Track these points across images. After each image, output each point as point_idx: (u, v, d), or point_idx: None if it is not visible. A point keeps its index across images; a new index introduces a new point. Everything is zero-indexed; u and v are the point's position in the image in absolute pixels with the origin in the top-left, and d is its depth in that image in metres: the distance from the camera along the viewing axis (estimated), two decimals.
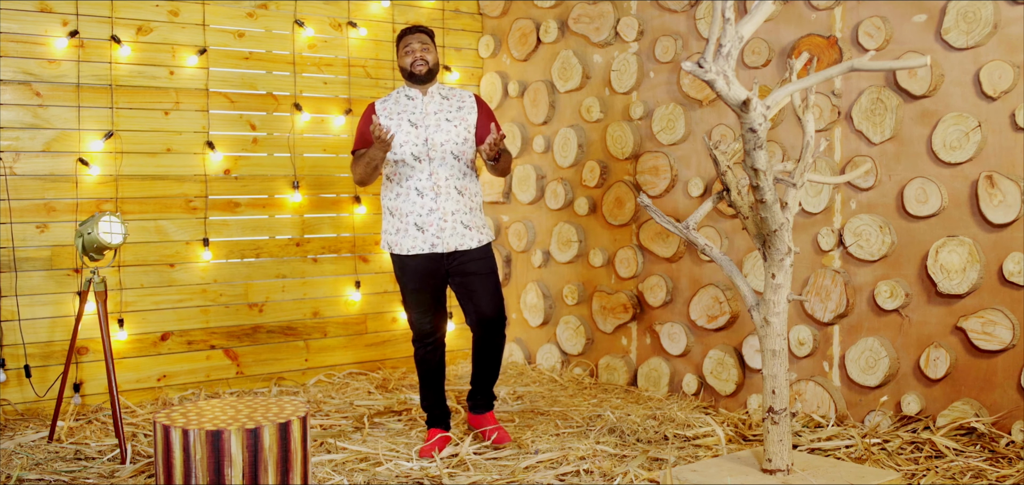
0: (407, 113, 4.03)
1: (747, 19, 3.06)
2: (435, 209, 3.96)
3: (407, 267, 4.02)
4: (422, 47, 4.03)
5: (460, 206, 4.00)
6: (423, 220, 3.97)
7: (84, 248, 4.09)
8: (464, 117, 4.07)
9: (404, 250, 4.00)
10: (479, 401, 4.21)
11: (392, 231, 4.04)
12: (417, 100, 4.06)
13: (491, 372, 4.16)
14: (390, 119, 4.03)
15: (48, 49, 4.79)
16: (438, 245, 3.96)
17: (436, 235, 3.96)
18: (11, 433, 4.36)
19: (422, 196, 3.97)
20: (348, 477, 3.73)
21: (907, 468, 3.67)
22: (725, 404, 4.81)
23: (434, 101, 4.06)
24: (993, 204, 3.89)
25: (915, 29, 4.12)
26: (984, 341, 3.92)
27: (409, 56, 4.04)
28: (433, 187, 3.96)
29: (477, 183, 4.13)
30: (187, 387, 5.16)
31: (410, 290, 4.05)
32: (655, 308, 5.17)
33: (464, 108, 4.09)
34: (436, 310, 4.09)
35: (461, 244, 3.99)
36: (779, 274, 3.41)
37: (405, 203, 3.99)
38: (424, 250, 3.97)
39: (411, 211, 3.98)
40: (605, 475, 3.72)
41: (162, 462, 3.00)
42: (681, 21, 5.02)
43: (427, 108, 4.03)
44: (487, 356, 4.12)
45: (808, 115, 3.50)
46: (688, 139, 5.01)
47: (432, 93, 4.07)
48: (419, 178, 3.97)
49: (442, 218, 3.96)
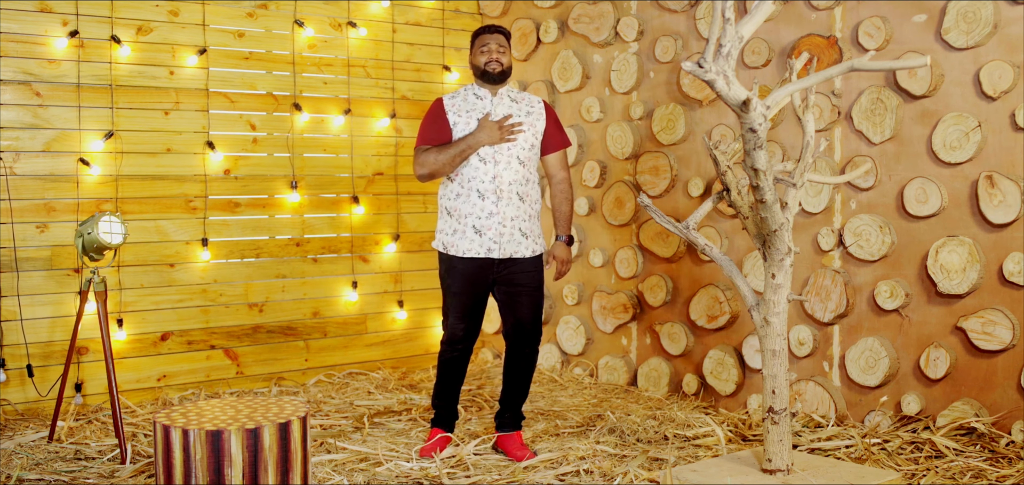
0: (476, 112, 3.98)
1: (747, 19, 3.06)
2: (495, 213, 3.90)
3: (456, 269, 3.96)
4: (499, 48, 3.98)
5: (520, 213, 3.94)
6: (482, 223, 3.91)
7: (84, 248, 4.09)
8: (532, 123, 4.01)
9: (459, 252, 3.94)
10: (507, 419, 4.09)
11: (449, 232, 3.98)
12: (486, 100, 4.01)
13: (522, 389, 4.08)
14: (458, 116, 3.98)
15: (48, 49, 4.79)
16: (495, 250, 3.90)
17: (494, 240, 3.90)
18: (11, 433, 4.36)
19: (483, 199, 3.91)
20: (348, 477, 3.73)
21: (907, 468, 3.67)
22: (725, 404, 4.81)
23: (503, 103, 4.01)
24: (993, 204, 3.89)
25: (915, 29, 4.12)
26: (984, 341, 3.92)
27: (484, 55, 3.97)
28: (495, 191, 3.90)
29: (537, 190, 4.06)
30: (187, 387, 5.16)
31: (454, 293, 3.99)
32: (655, 308, 5.17)
33: (533, 113, 4.03)
34: (473, 318, 4.02)
35: (516, 251, 3.93)
36: (779, 274, 3.41)
37: (465, 204, 3.93)
38: (479, 254, 3.91)
39: (470, 213, 3.92)
40: (605, 475, 3.72)
41: (162, 462, 3.00)
42: (681, 21, 5.02)
43: (496, 110, 3.99)
44: (519, 371, 4.05)
45: (808, 115, 3.51)
46: (688, 139, 5.01)
47: (501, 95, 4.02)
48: (482, 180, 3.91)
49: (502, 223, 3.91)
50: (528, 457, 3.94)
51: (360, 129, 5.71)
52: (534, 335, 4.03)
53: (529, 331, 4.01)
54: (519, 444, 4.02)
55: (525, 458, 3.93)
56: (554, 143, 4.06)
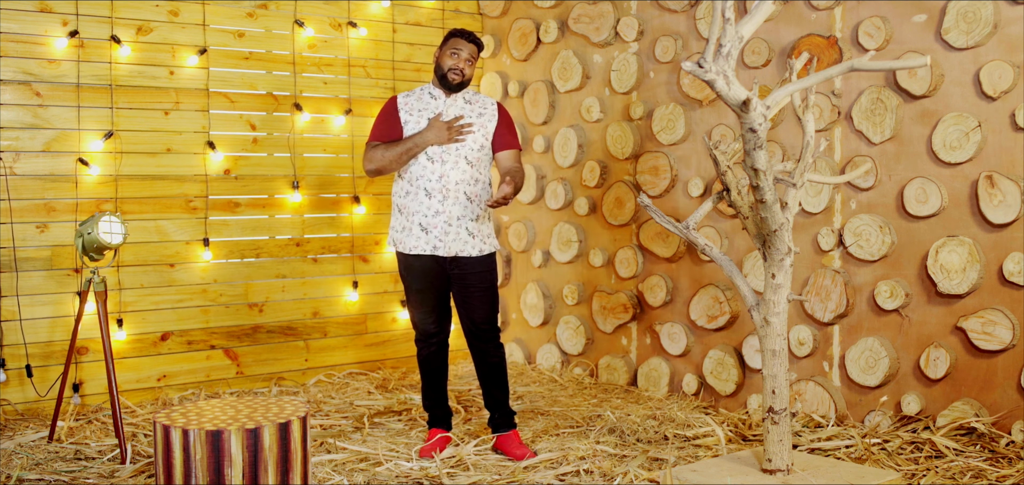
0: (428, 111, 4.02)
1: (747, 19, 3.06)
2: (441, 211, 3.93)
3: (411, 266, 4.01)
4: (468, 59, 4.00)
5: (466, 212, 3.97)
6: (428, 221, 3.95)
7: (84, 248, 4.09)
8: (484, 124, 4.03)
9: (407, 248, 3.99)
10: (498, 420, 4.09)
11: (398, 228, 4.04)
12: (440, 100, 4.04)
13: (498, 387, 4.07)
14: (410, 115, 4.02)
15: (48, 49, 4.79)
16: (440, 248, 3.94)
17: (439, 238, 3.94)
18: (11, 433, 4.36)
19: (430, 197, 3.95)
20: (348, 477, 3.73)
21: (907, 468, 3.67)
22: (725, 404, 4.81)
23: (457, 105, 4.03)
24: (993, 204, 3.89)
25: (915, 29, 4.12)
26: (984, 341, 3.92)
27: (452, 59, 3.99)
28: (442, 190, 3.93)
29: (489, 191, 4.08)
30: (187, 387, 5.16)
31: (413, 290, 4.04)
32: (655, 308, 5.17)
33: (485, 115, 4.06)
34: (439, 310, 4.06)
35: (462, 250, 3.96)
36: (779, 274, 3.41)
37: (413, 202, 3.97)
38: (425, 251, 3.96)
39: (417, 210, 3.96)
40: (605, 475, 3.72)
41: (162, 462, 3.00)
42: (681, 21, 5.02)
43: (448, 110, 4.01)
44: (488, 370, 4.06)
45: (808, 115, 3.50)
46: (688, 139, 5.01)
47: (455, 97, 4.05)
48: (429, 179, 3.94)
49: (447, 221, 3.94)
50: (528, 456, 3.94)
51: (361, 129, 5.71)
52: (490, 333, 4.04)
53: (484, 330, 4.02)
54: (517, 443, 4.02)
55: (525, 457, 3.94)
56: (503, 143, 4.06)
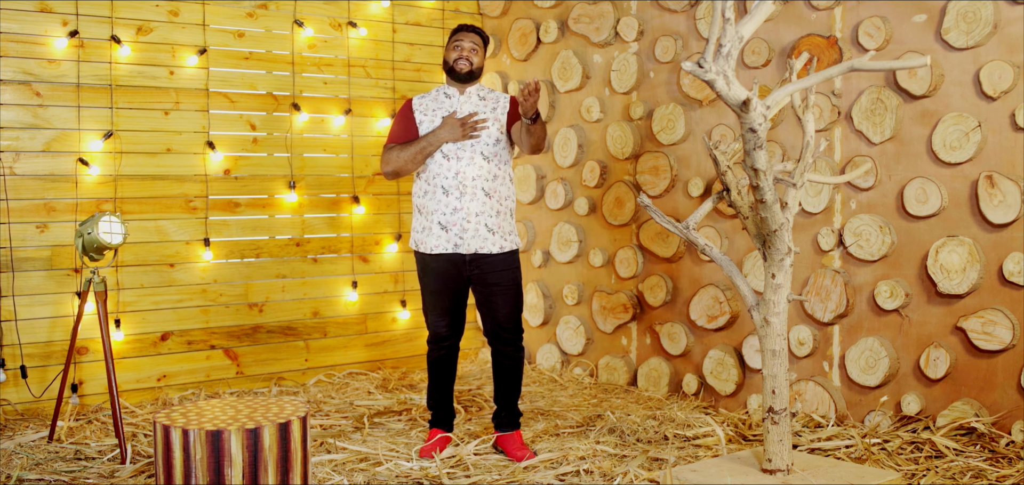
0: (442, 110, 4.02)
1: (747, 19, 3.06)
2: (459, 208, 3.91)
3: (429, 267, 3.99)
4: (471, 47, 4.00)
5: (486, 208, 3.93)
6: (447, 219, 3.93)
7: (84, 248, 4.09)
8: (498, 118, 4.02)
9: (428, 248, 3.96)
10: (504, 418, 4.08)
11: (419, 228, 4.02)
12: (454, 98, 4.04)
13: (512, 387, 4.07)
14: (425, 115, 4.02)
15: (48, 49, 4.79)
16: (461, 246, 3.91)
17: (458, 235, 3.91)
18: (11, 433, 4.36)
19: (447, 194, 3.93)
20: (348, 477, 3.73)
21: (907, 468, 3.67)
22: (725, 404, 4.81)
23: (470, 101, 4.03)
24: (993, 204, 3.89)
25: (915, 29, 4.12)
26: (984, 341, 3.92)
27: (456, 51, 4.00)
28: (458, 186, 3.91)
29: (509, 187, 4.04)
30: (187, 387, 5.16)
31: (430, 291, 4.01)
32: (655, 308, 5.17)
33: (498, 109, 4.04)
34: (452, 314, 4.03)
35: (482, 247, 3.92)
36: (779, 274, 3.40)
37: (431, 201, 3.96)
38: (447, 250, 3.93)
39: (436, 209, 3.94)
40: (605, 475, 3.72)
41: (162, 462, 3.00)
42: (681, 21, 5.02)
43: (462, 107, 4.01)
44: (505, 371, 4.04)
45: (808, 115, 3.50)
46: (688, 139, 5.01)
47: (469, 93, 4.04)
48: (446, 177, 3.93)
49: (466, 218, 3.91)
50: (528, 457, 3.94)
51: (360, 129, 5.71)
52: (514, 334, 4.02)
53: (507, 330, 4.01)
54: (519, 444, 4.02)
55: (525, 458, 3.93)
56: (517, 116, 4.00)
